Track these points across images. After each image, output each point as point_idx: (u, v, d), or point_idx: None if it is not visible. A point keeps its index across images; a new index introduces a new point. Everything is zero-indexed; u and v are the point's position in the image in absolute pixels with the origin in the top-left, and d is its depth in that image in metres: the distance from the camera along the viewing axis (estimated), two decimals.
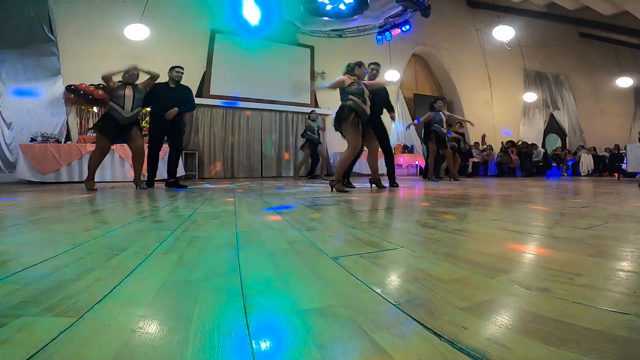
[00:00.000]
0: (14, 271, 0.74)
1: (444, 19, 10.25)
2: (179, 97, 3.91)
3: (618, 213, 1.64)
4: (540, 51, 11.19)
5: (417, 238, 1.12)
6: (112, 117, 3.53)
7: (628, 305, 0.54)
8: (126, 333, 0.46)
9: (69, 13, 6.53)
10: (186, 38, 7.41)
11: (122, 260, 0.84)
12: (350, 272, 0.74)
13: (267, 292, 0.63)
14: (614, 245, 0.98)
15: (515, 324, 0.48)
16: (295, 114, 8.63)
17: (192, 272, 0.75)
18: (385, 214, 1.79)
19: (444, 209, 1.87)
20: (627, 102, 11.95)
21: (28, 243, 1.06)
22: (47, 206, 2.07)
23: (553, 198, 2.58)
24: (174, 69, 3.96)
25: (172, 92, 3.91)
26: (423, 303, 0.57)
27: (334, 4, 7.04)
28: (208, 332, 0.47)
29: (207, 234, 1.18)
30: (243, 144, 8.00)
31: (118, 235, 1.17)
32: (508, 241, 1.07)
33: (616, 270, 0.74)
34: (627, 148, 5.92)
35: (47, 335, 0.45)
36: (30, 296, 0.60)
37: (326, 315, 0.52)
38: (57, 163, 5.10)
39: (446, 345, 0.43)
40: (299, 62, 8.71)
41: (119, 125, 3.56)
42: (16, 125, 5.94)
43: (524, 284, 0.65)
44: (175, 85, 3.94)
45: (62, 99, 6.29)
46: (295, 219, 1.50)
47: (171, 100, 3.85)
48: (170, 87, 3.92)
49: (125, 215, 1.72)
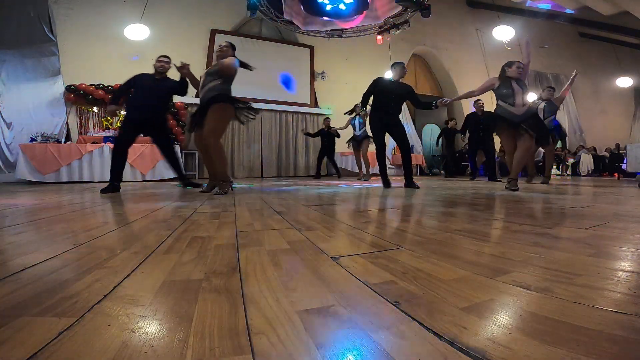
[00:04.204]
0: (14, 271, 0.74)
1: (444, 19, 10.26)
2: (162, 89, 3.51)
3: (618, 213, 1.64)
4: (540, 51, 11.19)
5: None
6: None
7: (628, 305, 0.54)
8: (126, 333, 0.46)
9: (69, 13, 6.54)
10: (186, 38, 7.42)
11: (122, 260, 0.84)
12: (350, 272, 0.74)
13: (267, 291, 0.63)
14: (614, 245, 0.98)
15: (515, 324, 0.48)
16: (295, 114, 8.64)
17: (192, 272, 0.75)
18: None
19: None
20: (627, 102, 11.96)
21: (28, 243, 1.06)
22: (47, 206, 2.07)
23: (553, 198, 2.58)
24: (159, 58, 3.56)
25: (156, 83, 3.49)
26: (423, 303, 0.57)
27: (334, 4, 7.05)
28: (208, 332, 0.47)
29: (207, 234, 1.18)
30: (243, 144, 8.01)
31: (118, 235, 1.17)
32: (508, 241, 1.07)
33: (616, 270, 0.74)
34: (627, 148, 5.92)
35: (47, 335, 0.45)
36: (30, 296, 0.60)
37: (326, 315, 0.52)
38: (57, 163, 5.10)
39: (446, 345, 0.43)
40: (299, 62, 8.72)
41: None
42: (16, 125, 5.95)
43: (524, 284, 0.65)
44: (159, 77, 3.52)
45: (62, 99, 6.30)
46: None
47: (152, 92, 3.45)
48: (155, 79, 3.50)
49: (125, 215, 1.72)
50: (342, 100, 8.31)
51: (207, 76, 2.96)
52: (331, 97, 8.95)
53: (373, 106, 3.90)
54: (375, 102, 3.88)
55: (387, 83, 3.88)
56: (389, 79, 3.95)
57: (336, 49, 8.82)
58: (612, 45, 11.25)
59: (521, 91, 3.31)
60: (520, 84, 3.34)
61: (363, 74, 7.94)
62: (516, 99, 3.31)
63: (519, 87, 3.32)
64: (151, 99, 3.43)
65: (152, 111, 3.45)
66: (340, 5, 7.14)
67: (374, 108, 3.88)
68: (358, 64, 9.21)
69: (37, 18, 6.21)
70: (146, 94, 3.42)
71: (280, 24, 7.68)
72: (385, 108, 3.82)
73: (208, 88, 2.91)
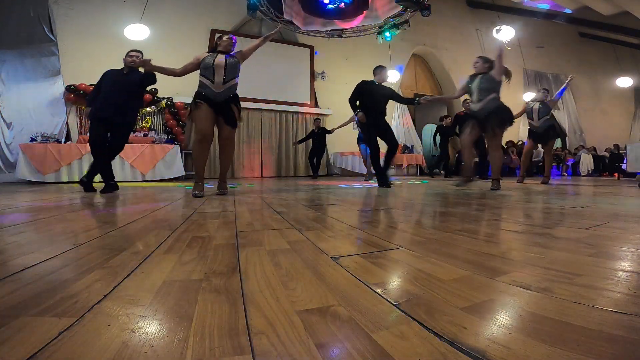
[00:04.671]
0: (14, 271, 0.74)
1: (444, 19, 10.26)
2: (131, 83, 3.33)
3: (618, 213, 1.64)
4: (540, 51, 11.19)
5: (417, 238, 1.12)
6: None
7: (628, 305, 0.54)
8: (126, 333, 0.46)
9: (69, 13, 6.53)
10: (186, 38, 7.41)
11: (122, 260, 0.84)
12: (350, 272, 0.74)
13: (267, 291, 0.63)
14: (614, 245, 0.98)
15: (515, 324, 0.48)
16: (295, 114, 8.63)
17: (192, 272, 0.75)
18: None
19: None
20: (627, 102, 11.96)
21: (28, 243, 1.06)
22: (47, 206, 2.07)
23: (553, 198, 2.58)
24: (129, 52, 3.38)
25: (124, 78, 3.32)
26: (423, 303, 0.57)
27: (334, 3, 7.05)
28: (208, 332, 0.47)
29: (207, 234, 1.18)
30: (243, 144, 8.01)
31: (118, 235, 1.17)
32: (508, 241, 1.07)
33: (616, 270, 0.74)
34: (627, 148, 5.91)
35: (47, 335, 0.45)
36: (30, 296, 0.60)
37: (326, 315, 0.52)
38: (57, 163, 5.10)
39: (446, 345, 0.43)
40: (299, 62, 8.72)
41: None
42: (16, 125, 5.95)
43: (524, 284, 0.65)
44: (127, 71, 3.35)
45: (62, 99, 6.29)
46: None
47: (119, 86, 3.27)
48: (123, 73, 3.34)
49: (125, 215, 1.72)
50: (342, 100, 8.24)
51: (231, 68, 2.78)
52: (331, 97, 8.95)
53: (363, 108, 4.00)
54: (365, 104, 3.99)
55: (373, 85, 4.04)
56: (372, 81, 4.08)
57: (336, 49, 8.81)
58: (612, 45, 11.25)
59: (478, 88, 3.36)
60: (483, 79, 3.36)
61: (363, 74, 7.89)
62: (474, 95, 3.40)
63: (477, 83, 3.38)
64: (121, 93, 3.28)
65: (122, 107, 3.28)
66: (340, 4, 7.13)
67: (365, 110, 3.98)
68: (358, 64, 9.20)
69: (37, 18, 6.21)
70: (115, 89, 3.27)
71: (280, 24, 7.67)
72: (376, 109, 3.98)
73: (232, 85, 2.80)
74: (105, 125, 3.27)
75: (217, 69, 2.74)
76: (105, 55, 6.56)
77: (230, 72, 2.77)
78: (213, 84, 2.73)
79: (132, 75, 3.35)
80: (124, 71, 3.35)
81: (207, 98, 2.74)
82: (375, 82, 4.07)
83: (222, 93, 2.76)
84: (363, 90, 4.00)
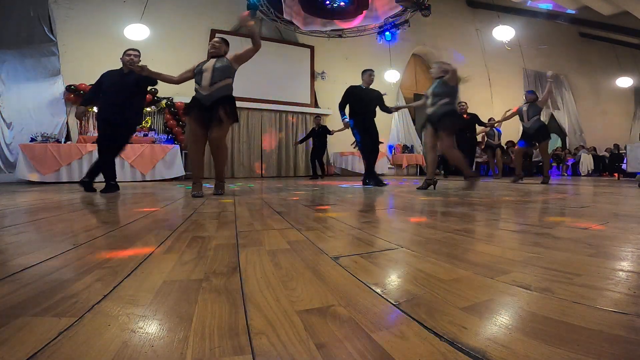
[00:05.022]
0: (14, 271, 0.74)
1: (444, 19, 10.25)
2: (131, 83, 3.29)
3: (618, 213, 1.65)
4: (540, 51, 11.19)
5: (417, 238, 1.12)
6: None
7: (628, 305, 0.54)
8: (126, 333, 0.46)
9: (69, 13, 6.53)
10: (186, 38, 7.41)
11: (122, 260, 0.84)
12: (350, 272, 0.74)
13: (267, 291, 0.63)
14: (614, 245, 0.98)
15: (515, 324, 0.48)
16: (295, 114, 8.63)
17: (192, 272, 0.75)
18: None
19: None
20: (627, 102, 11.95)
21: (28, 243, 1.06)
22: (47, 206, 2.07)
23: (553, 198, 2.58)
24: (127, 51, 3.34)
25: (123, 78, 3.28)
26: (423, 303, 0.57)
27: (333, 2, 7.05)
28: (208, 332, 0.47)
29: (207, 234, 1.18)
30: (243, 144, 8.01)
31: (118, 235, 1.17)
32: (508, 241, 1.07)
33: (616, 270, 0.74)
34: (627, 148, 5.92)
35: (47, 335, 0.45)
36: (30, 296, 0.60)
37: (326, 315, 0.52)
38: (57, 163, 5.10)
39: (446, 345, 0.43)
40: (299, 62, 8.72)
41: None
42: (16, 125, 5.94)
43: (524, 284, 0.65)
44: (127, 71, 3.30)
45: (62, 99, 6.29)
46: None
47: (117, 87, 3.25)
48: (122, 73, 3.31)
49: (125, 215, 1.72)
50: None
51: (219, 70, 2.80)
52: (331, 97, 8.95)
53: (353, 112, 4.14)
54: (355, 108, 4.13)
55: (361, 90, 4.16)
56: (360, 86, 4.20)
57: (336, 49, 8.81)
58: (612, 45, 11.24)
59: (432, 93, 3.49)
60: (437, 85, 3.48)
61: None
62: (429, 99, 3.52)
63: (432, 88, 3.52)
64: (119, 94, 3.26)
65: (121, 107, 3.25)
66: (340, 3, 7.14)
67: (355, 114, 4.12)
68: (358, 64, 9.18)
69: (37, 18, 6.20)
70: (113, 90, 3.26)
71: (280, 24, 7.68)
72: (365, 112, 4.11)
73: (220, 87, 2.80)
74: (108, 125, 3.29)
75: (205, 72, 2.80)
76: (105, 55, 6.55)
77: (218, 74, 2.79)
78: (201, 87, 2.80)
79: (132, 74, 3.30)
80: (124, 71, 3.34)
81: (197, 100, 2.82)
82: (363, 86, 4.18)
83: (211, 95, 2.78)
84: (352, 95, 4.13)
